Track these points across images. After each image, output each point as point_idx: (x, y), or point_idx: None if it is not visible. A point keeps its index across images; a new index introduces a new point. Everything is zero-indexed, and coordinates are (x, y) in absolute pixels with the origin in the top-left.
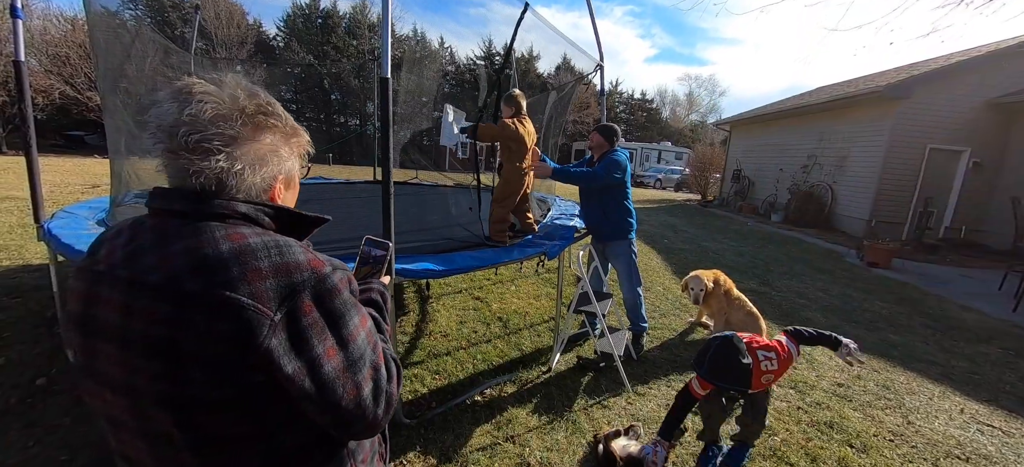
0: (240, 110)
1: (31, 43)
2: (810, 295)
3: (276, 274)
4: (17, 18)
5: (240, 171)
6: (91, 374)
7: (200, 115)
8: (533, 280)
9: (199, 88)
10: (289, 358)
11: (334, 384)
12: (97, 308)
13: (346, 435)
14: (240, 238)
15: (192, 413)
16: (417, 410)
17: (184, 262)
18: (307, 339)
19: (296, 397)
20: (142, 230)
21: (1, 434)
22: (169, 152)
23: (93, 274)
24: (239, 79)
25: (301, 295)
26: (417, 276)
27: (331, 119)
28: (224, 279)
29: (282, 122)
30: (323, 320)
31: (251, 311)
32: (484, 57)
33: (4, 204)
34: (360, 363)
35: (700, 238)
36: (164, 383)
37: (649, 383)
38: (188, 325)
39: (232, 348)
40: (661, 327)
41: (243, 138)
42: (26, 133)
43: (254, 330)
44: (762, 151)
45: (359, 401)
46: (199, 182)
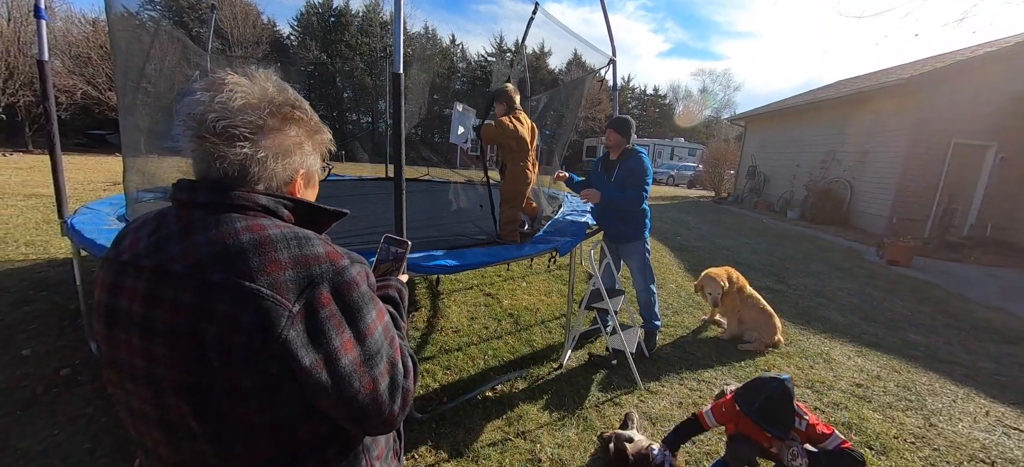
0: (269, 101)
1: (54, 44)
2: (828, 293)
3: (295, 265)
4: (41, 19)
5: (263, 159)
6: (114, 363)
7: (229, 103)
8: (544, 276)
9: (231, 79)
10: (307, 350)
11: (351, 378)
12: (121, 298)
13: (361, 430)
14: (260, 229)
15: (210, 402)
16: (428, 405)
17: (207, 252)
18: (325, 331)
19: (312, 390)
20: (167, 221)
21: (27, 422)
22: (197, 138)
23: (118, 264)
24: (270, 74)
25: (319, 287)
26: (430, 272)
27: (343, 116)
28: (245, 269)
29: (308, 117)
30: (341, 313)
31: (270, 301)
32: (495, 53)
33: (30, 201)
34: (377, 358)
35: (714, 235)
36: (184, 372)
37: (661, 380)
38: (210, 315)
39: (251, 338)
40: (674, 325)
41: (269, 128)
42: (50, 132)
43: (273, 320)
44: (778, 147)
45: (375, 396)
46: (222, 167)
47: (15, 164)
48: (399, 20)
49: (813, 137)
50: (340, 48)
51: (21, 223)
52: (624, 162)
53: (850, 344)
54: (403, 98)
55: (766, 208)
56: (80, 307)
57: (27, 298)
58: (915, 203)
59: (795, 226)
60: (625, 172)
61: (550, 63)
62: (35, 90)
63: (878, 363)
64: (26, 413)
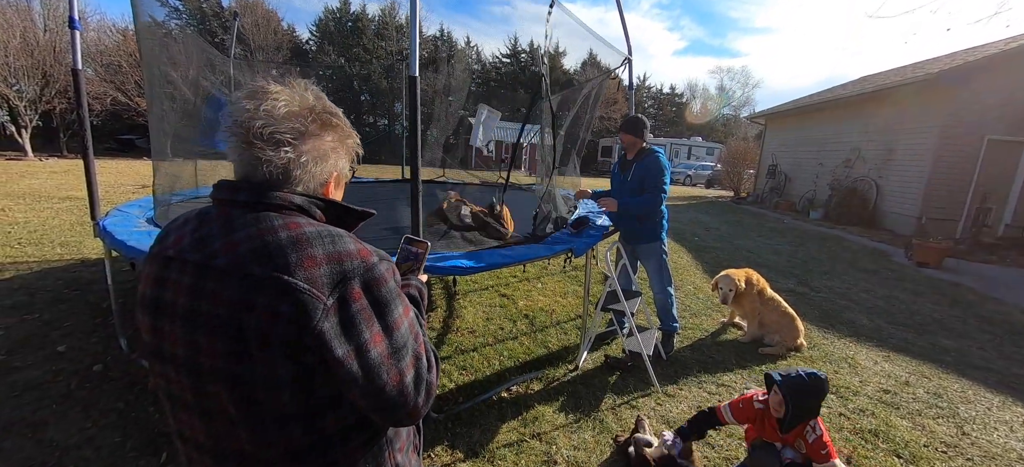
0: (309, 108)
1: (87, 53)
2: (853, 296)
3: (329, 261)
4: (75, 29)
5: (305, 163)
6: (157, 353)
7: (274, 111)
8: (559, 277)
9: (274, 88)
10: (339, 341)
11: (379, 369)
12: (166, 290)
13: (388, 421)
14: (297, 227)
15: (248, 390)
16: (445, 405)
17: (247, 248)
18: (356, 324)
19: (343, 381)
20: (209, 219)
21: (62, 415)
22: (244, 143)
23: (163, 259)
24: (308, 84)
25: (351, 282)
26: (446, 273)
27: (361, 119)
28: (283, 264)
29: (342, 124)
30: (371, 307)
31: (306, 295)
32: (510, 54)
33: (65, 203)
34: (403, 351)
35: (733, 236)
36: (225, 361)
37: (679, 384)
38: (251, 306)
39: (289, 329)
40: (692, 327)
41: (310, 134)
42: (84, 139)
43: (309, 313)
44: (800, 145)
45: (402, 388)
46: (268, 170)
47: (50, 168)
48: (415, 24)
49: (836, 135)
50: (358, 52)
51: (56, 225)
52: (640, 162)
53: (877, 348)
54: (419, 101)
55: (788, 208)
56: (111, 306)
57: (62, 297)
58: (946, 202)
59: (818, 227)
60: (642, 172)
61: (565, 63)
62: (69, 97)
63: (907, 368)
64: (61, 407)
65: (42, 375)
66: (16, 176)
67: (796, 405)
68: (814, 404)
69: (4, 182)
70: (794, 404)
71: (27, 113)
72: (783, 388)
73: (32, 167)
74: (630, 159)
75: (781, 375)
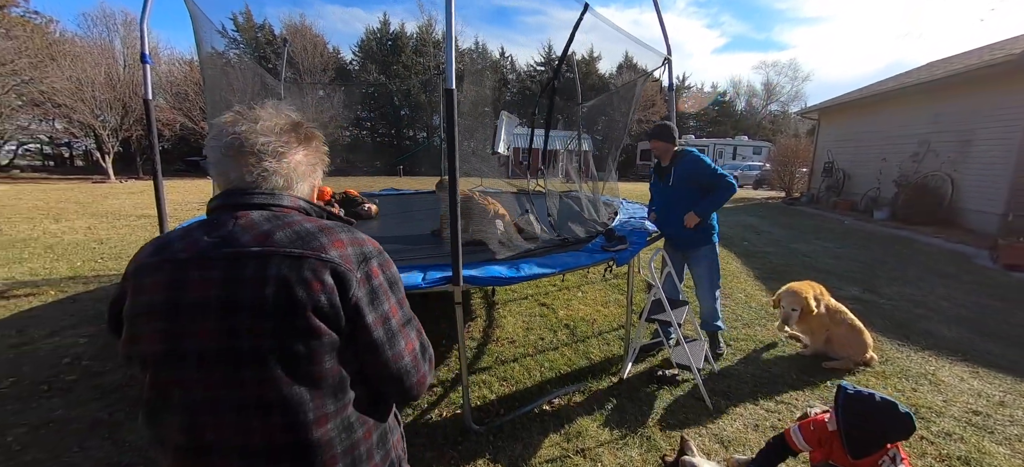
0: (295, 125)
1: (159, 84)
2: (930, 304)
3: (352, 244)
4: (146, 63)
5: (303, 172)
6: (170, 358)
7: (274, 129)
8: (600, 286)
9: (263, 111)
10: (370, 309)
11: (398, 336)
12: (188, 290)
13: (400, 390)
14: (315, 220)
15: (293, 364)
16: (485, 417)
17: (281, 236)
18: (379, 296)
19: (370, 347)
20: (222, 223)
21: (136, 418)
22: (248, 154)
23: (175, 263)
24: (282, 106)
25: (371, 261)
26: (486, 283)
27: (401, 133)
28: (318, 245)
29: (319, 137)
30: (386, 284)
31: (343, 268)
32: (544, 62)
33: (140, 221)
34: (411, 323)
35: (787, 239)
36: (273, 338)
37: (732, 399)
38: (298, 279)
39: (333, 298)
40: (745, 338)
41: (301, 145)
42: (154, 161)
43: (347, 283)
44: (859, 139)
45: (414, 354)
46: (274, 180)
47: (128, 189)
48: (450, 37)
49: (902, 127)
50: (397, 69)
51: (133, 240)
52: (678, 165)
53: (962, 363)
54: (456, 112)
55: (847, 208)
56: None
57: None
58: None
59: (884, 227)
60: (685, 173)
61: (599, 68)
62: (144, 125)
63: (1000, 387)
64: (135, 410)
65: (120, 379)
66: (100, 197)
67: (847, 424)
68: (876, 433)
69: (90, 203)
70: (845, 422)
71: (110, 140)
72: (838, 401)
73: (113, 189)
74: (666, 165)
75: (847, 392)
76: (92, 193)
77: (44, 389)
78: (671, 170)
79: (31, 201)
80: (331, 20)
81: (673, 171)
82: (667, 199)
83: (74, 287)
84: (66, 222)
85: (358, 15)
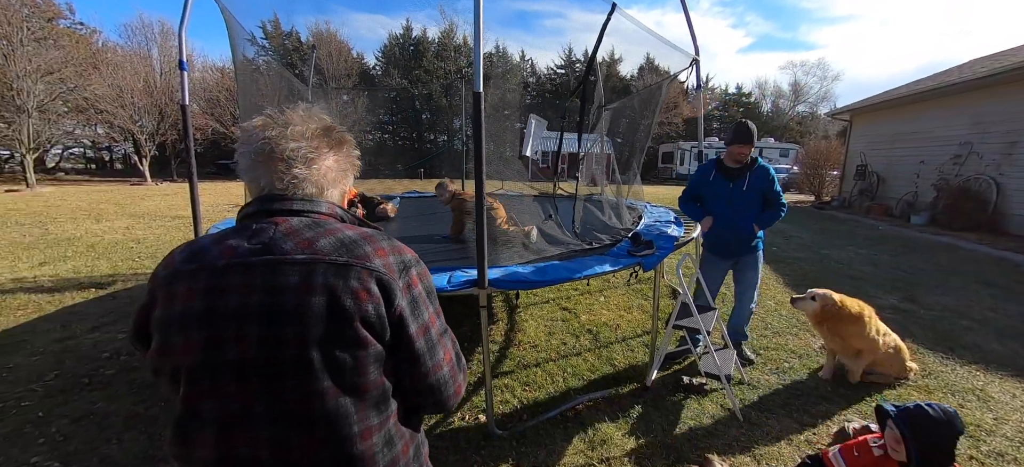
0: (327, 129)
1: (192, 90)
2: (975, 315)
3: (393, 252)
4: (183, 71)
5: (334, 178)
6: (210, 370)
7: (305, 134)
8: (623, 291)
9: (295, 116)
10: (412, 319)
11: (437, 346)
12: (227, 297)
13: (436, 401)
14: (354, 228)
15: (339, 374)
16: (508, 422)
17: (325, 243)
18: (420, 305)
19: (410, 358)
20: (262, 229)
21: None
22: (279, 160)
23: (212, 270)
24: (313, 109)
25: (411, 270)
26: (509, 286)
27: (422, 137)
28: (362, 254)
29: (351, 142)
30: (425, 293)
31: (387, 277)
32: (564, 65)
33: (175, 222)
34: (447, 332)
35: (818, 244)
36: (318, 347)
37: (763, 411)
38: (345, 288)
39: (379, 308)
40: (775, 347)
41: (331, 151)
42: (189, 166)
43: (392, 293)
44: (893, 141)
45: (452, 365)
46: (306, 187)
47: (163, 192)
48: (478, 40)
49: (941, 128)
50: (419, 74)
51: (168, 240)
52: (755, 172)
53: (1014, 378)
54: (482, 116)
55: (881, 212)
56: None
57: None
58: None
59: (923, 233)
60: (761, 183)
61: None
62: (179, 130)
63: None
64: (170, 405)
65: None
66: (137, 198)
67: (921, 446)
68: (946, 446)
69: (128, 204)
70: (917, 444)
71: (147, 145)
72: (901, 424)
73: (150, 191)
74: (738, 168)
75: (896, 408)
76: (130, 194)
77: (85, 382)
78: (747, 175)
79: (75, 202)
80: (356, 27)
81: (749, 176)
82: (736, 204)
83: (113, 285)
84: (106, 222)
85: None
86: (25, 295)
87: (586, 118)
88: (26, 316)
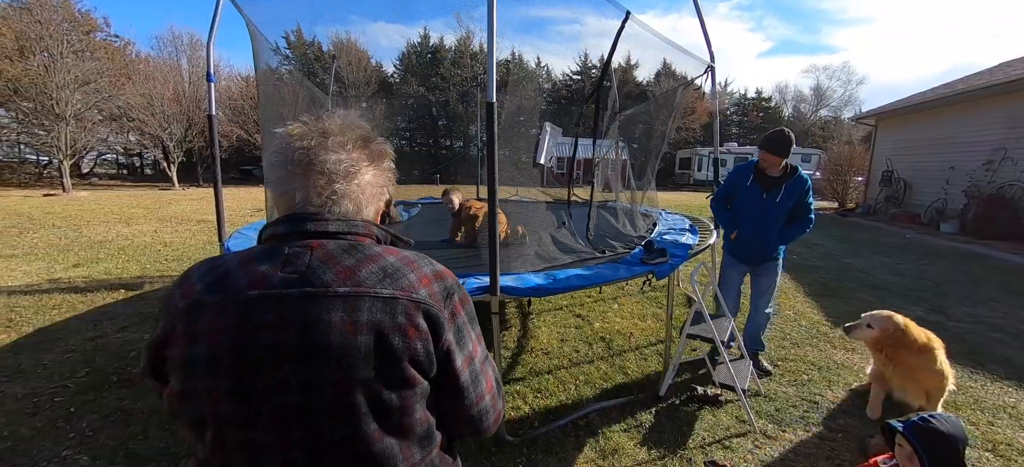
0: (366, 140)
1: (218, 99)
2: (1008, 328)
3: (436, 279)
4: (211, 82)
5: (372, 195)
6: (244, 419)
7: (345, 145)
8: (637, 298)
9: (330, 124)
10: (458, 350)
11: (480, 376)
12: (259, 336)
13: (477, 430)
14: (396, 252)
15: (386, 417)
16: (519, 428)
17: (367, 273)
18: (464, 334)
19: (455, 391)
20: (295, 256)
21: None
22: (318, 174)
23: (242, 302)
24: (350, 117)
25: (454, 296)
26: (522, 294)
27: (438, 143)
28: (407, 284)
29: (389, 153)
30: (468, 319)
31: (434, 310)
32: (580, 71)
33: (200, 226)
34: (488, 359)
35: (840, 253)
36: (365, 388)
37: (781, 424)
38: (392, 325)
39: (426, 344)
40: (794, 359)
41: (371, 165)
42: (215, 174)
43: (439, 326)
44: (921, 146)
45: (493, 393)
46: (344, 205)
47: (189, 196)
48: (492, 52)
49: (972, 133)
50: (436, 81)
51: (193, 244)
52: (792, 182)
53: None
54: (495, 124)
55: (908, 220)
56: None
57: None
58: None
59: (952, 242)
60: (797, 193)
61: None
62: (205, 137)
63: None
64: None
65: None
66: (165, 203)
67: (933, 458)
68: (957, 456)
69: (157, 208)
70: (930, 456)
71: (175, 151)
72: (912, 438)
73: (177, 196)
74: (774, 176)
75: (903, 422)
76: (158, 199)
77: (113, 380)
78: (783, 185)
79: (107, 206)
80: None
81: (785, 187)
82: (768, 212)
83: (142, 287)
84: (136, 226)
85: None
86: (60, 295)
87: (601, 124)
88: (61, 315)
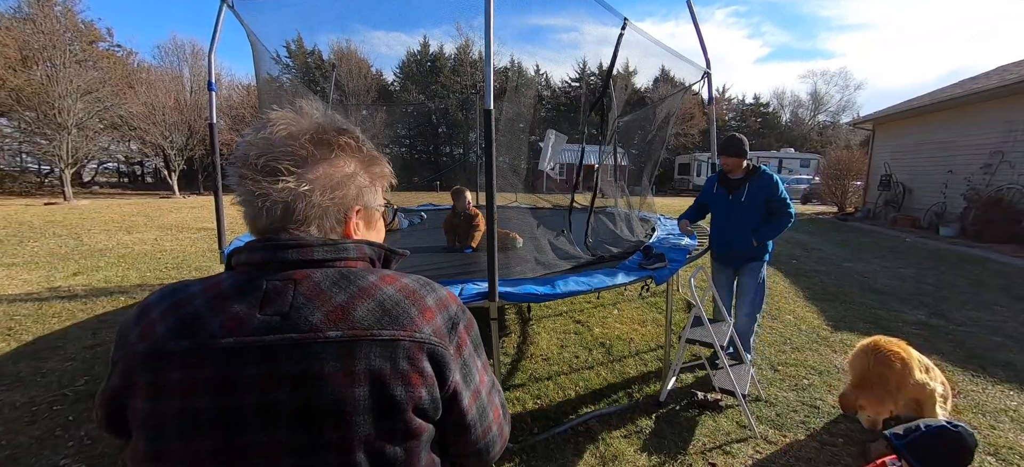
0: (314, 128)
1: (219, 108)
2: (1008, 331)
3: (440, 310)
4: (212, 91)
5: (308, 193)
6: None
7: (272, 137)
8: (637, 304)
9: (276, 115)
10: (465, 388)
11: (488, 408)
12: (243, 394)
13: (481, 461)
14: (393, 280)
15: None
16: (519, 434)
17: (363, 312)
18: (470, 370)
19: (462, 428)
20: (276, 292)
21: None
22: (241, 177)
23: (217, 353)
24: (319, 105)
25: (458, 327)
26: (521, 300)
27: (438, 150)
28: (409, 322)
29: (359, 144)
30: (473, 348)
31: (440, 348)
32: (578, 78)
33: (200, 233)
34: (495, 386)
35: (840, 257)
36: (367, 447)
37: (782, 430)
38: (395, 375)
39: (434, 387)
40: (794, 363)
41: (315, 159)
42: (215, 183)
43: (445, 366)
44: (920, 150)
45: (499, 422)
46: (266, 206)
47: (190, 204)
48: (489, 60)
49: (970, 136)
50: (436, 88)
51: (194, 251)
52: (755, 181)
53: None
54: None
55: (908, 224)
56: None
57: None
58: None
59: (952, 245)
60: (761, 192)
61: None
62: (206, 145)
63: None
64: None
65: None
66: (165, 211)
67: None
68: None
69: (157, 216)
70: None
71: (176, 159)
72: (909, 455)
73: (177, 204)
74: (737, 178)
75: (902, 434)
76: (159, 207)
77: None
78: (745, 185)
79: (108, 214)
80: (375, 44)
81: (748, 186)
82: (735, 214)
83: (142, 294)
84: (137, 234)
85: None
86: (60, 303)
87: (605, 131)
88: (60, 323)
